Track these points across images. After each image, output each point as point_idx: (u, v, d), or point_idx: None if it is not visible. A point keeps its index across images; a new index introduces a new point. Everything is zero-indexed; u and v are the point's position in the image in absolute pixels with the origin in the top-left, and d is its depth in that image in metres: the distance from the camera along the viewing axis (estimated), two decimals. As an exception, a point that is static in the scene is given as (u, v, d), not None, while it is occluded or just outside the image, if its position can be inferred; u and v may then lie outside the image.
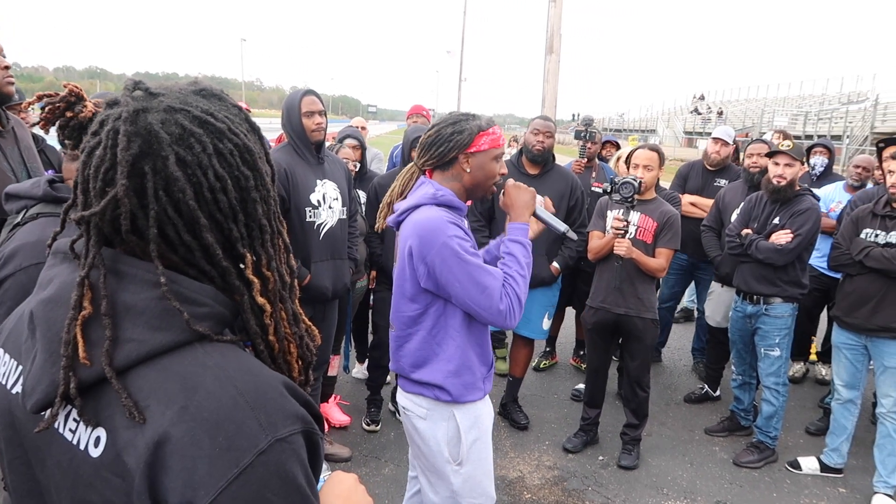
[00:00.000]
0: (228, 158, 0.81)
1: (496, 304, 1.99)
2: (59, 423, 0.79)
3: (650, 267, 3.65)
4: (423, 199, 2.07)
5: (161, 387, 0.74)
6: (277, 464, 0.73)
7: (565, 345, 5.65)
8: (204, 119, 0.80)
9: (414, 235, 2.02)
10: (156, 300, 0.77)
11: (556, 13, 10.64)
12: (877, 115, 23.91)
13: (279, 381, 0.80)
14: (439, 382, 2.10)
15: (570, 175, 4.27)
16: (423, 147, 2.14)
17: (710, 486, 3.69)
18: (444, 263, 1.97)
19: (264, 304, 0.85)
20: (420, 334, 2.11)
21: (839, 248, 3.60)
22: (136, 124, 0.77)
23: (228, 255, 0.83)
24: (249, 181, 0.83)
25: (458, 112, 2.17)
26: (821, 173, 5.29)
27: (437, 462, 2.17)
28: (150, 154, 0.76)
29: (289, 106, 3.31)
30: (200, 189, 0.79)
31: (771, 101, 40.13)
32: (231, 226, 0.82)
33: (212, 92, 0.86)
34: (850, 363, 3.64)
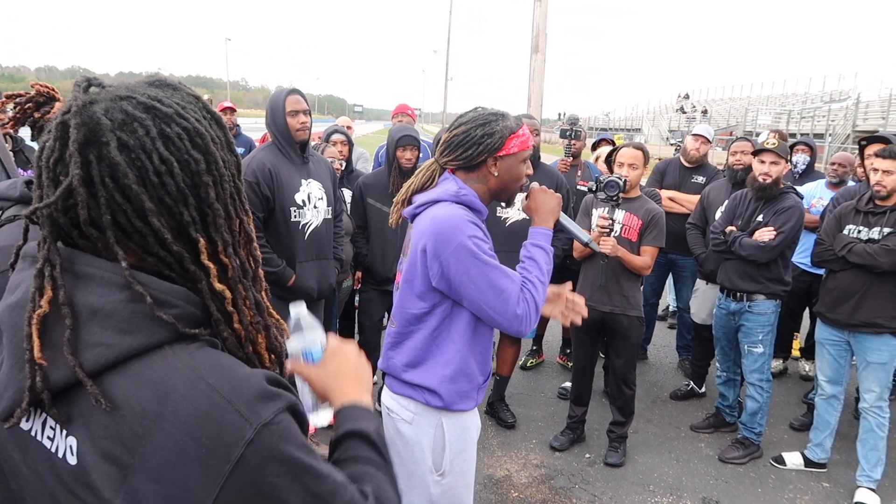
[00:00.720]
0: (176, 142, 0.80)
1: (512, 308, 1.89)
2: (35, 430, 0.78)
3: (635, 265, 3.66)
4: (445, 194, 1.97)
5: (133, 394, 0.73)
6: (270, 448, 0.73)
7: (552, 343, 5.66)
8: (149, 104, 0.79)
9: (431, 232, 1.91)
10: (124, 303, 0.76)
11: (541, 12, 10.67)
12: (858, 114, 24.18)
13: (248, 371, 0.80)
14: (433, 386, 1.99)
15: (555, 173, 4.28)
16: (449, 147, 2.00)
17: (695, 483, 3.71)
18: (459, 264, 1.87)
19: (223, 290, 0.84)
20: (421, 333, 2.00)
21: (822, 245, 3.64)
22: (82, 115, 0.76)
23: (184, 241, 0.82)
24: (200, 164, 0.82)
25: (485, 109, 2.04)
26: (803, 171, 5.34)
27: (418, 469, 2.07)
28: (94, 142, 0.76)
29: (273, 105, 3.30)
30: (146, 173, 0.78)
31: (755, 100, 40.49)
32: (181, 209, 0.80)
33: (167, 83, 0.85)
34: (833, 359, 3.67)
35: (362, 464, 0.94)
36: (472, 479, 2.20)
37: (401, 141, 3.89)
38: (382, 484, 0.92)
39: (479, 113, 2.02)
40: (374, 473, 0.93)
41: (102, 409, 0.73)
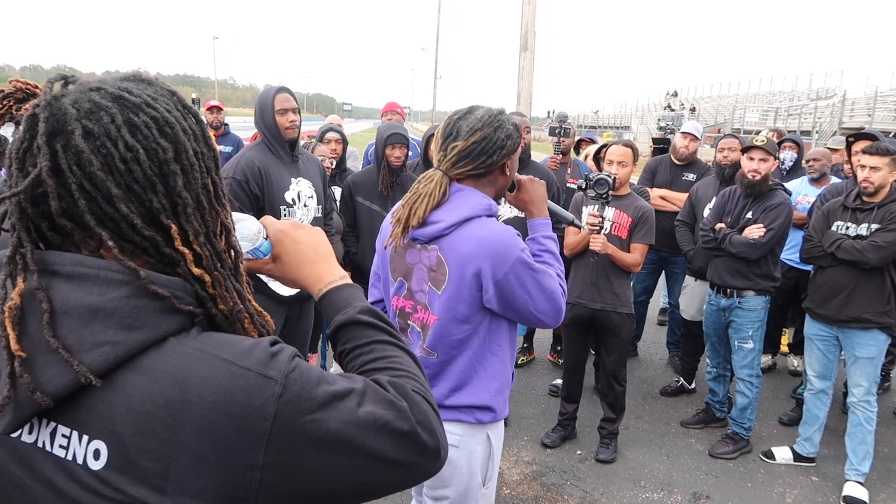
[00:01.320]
0: (143, 130, 0.80)
1: (559, 304, 1.88)
2: (42, 441, 0.76)
3: (625, 262, 3.67)
4: (477, 210, 1.85)
5: (153, 387, 0.74)
6: (297, 395, 0.76)
7: (542, 340, 5.68)
8: (117, 94, 0.80)
9: (486, 255, 1.80)
10: (125, 299, 0.76)
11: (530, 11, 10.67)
12: (844, 111, 24.35)
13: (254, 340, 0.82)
14: (486, 402, 1.93)
15: (545, 171, 4.29)
16: (470, 156, 1.83)
17: (686, 478, 3.73)
18: (517, 279, 1.81)
19: (202, 274, 0.84)
20: (466, 355, 1.91)
21: (811, 241, 3.66)
22: (51, 107, 0.77)
23: (156, 227, 0.82)
24: (168, 153, 0.81)
25: (488, 109, 1.91)
26: (790, 167, 5.38)
27: (470, 488, 2.00)
28: (61, 131, 0.76)
29: (262, 103, 3.28)
30: (111, 160, 0.77)
31: (742, 98, 40.72)
32: (150, 196, 0.80)
33: (142, 77, 0.85)
34: (822, 354, 3.70)
35: (368, 348, 0.97)
36: None
37: (390, 139, 3.89)
38: (396, 358, 0.95)
39: (487, 112, 1.88)
40: (383, 352, 0.96)
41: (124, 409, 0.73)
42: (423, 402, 0.87)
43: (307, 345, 3.65)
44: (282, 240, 1.09)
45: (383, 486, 0.84)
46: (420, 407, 0.86)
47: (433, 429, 0.86)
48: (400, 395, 0.85)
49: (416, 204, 1.86)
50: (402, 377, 0.91)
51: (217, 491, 0.74)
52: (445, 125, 1.90)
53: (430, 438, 0.85)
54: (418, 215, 1.85)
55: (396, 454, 0.82)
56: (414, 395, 0.87)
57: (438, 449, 0.86)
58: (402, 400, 0.85)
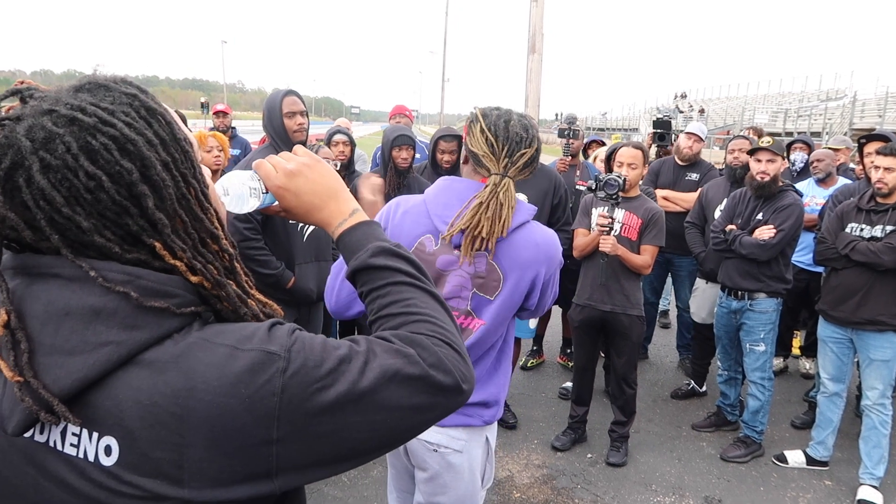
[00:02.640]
0: (103, 154, 0.76)
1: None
2: (54, 440, 0.77)
3: (635, 264, 3.65)
4: (528, 214, 1.87)
5: (160, 379, 0.74)
6: (303, 365, 0.76)
7: (552, 343, 5.65)
8: (71, 117, 0.75)
9: (544, 260, 1.85)
10: (125, 299, 0.75)
11: (538, 12, 10.66)
12: (855, 112, 24.20)
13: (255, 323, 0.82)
14: (494, 397, 1.95)
15: (552, 173, 4.27)
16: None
17: (697, 482, 3.70)
18: (554, 276, 1.91)
19: (200, 281, 0.83)
20: (490, 355, 1.94)
21: (825, 243, 3.63)
22: (8, 137, 0.74)
23: (141, 246, 0.80)
24: (133, 174, 0.77)
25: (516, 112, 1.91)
26: (801, 169, 5.34)
27: (471, 491, 2.00)
28: (20, 165, 0.73)
29: (270, 107, 3.28)
30: (76, 192, 0.75)
31: (751, 99, 40.54)
32: (126, 220, 0.78)
33: (98, 83, 0.80)
34: (835, 356, 3.66)
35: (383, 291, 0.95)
36: None
37: (396, 141, 3.88)
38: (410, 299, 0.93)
39: (522, 118, 1.86)
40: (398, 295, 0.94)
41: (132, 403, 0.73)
42: (434, 344, 0.86)
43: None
44: (283, 195, 1.06)
45: (408, 430, 0.84)
46: (430, 349, 0.85)
47: (448, 368, 0.85)
48: (406, 342, 0.85)
49: (505, 212, 1.77)
50: (416, 321, 0.89)
51: (235, 473, 0.74)
52: (506, 132, 1.80)
53: (446, 377, 0.84)
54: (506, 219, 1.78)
55: (412, 399, 0.81)
56: (422, 339, 0.86)
57: (459, 384, 0.85)
58: (409, 346, 0.84)
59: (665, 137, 6.03)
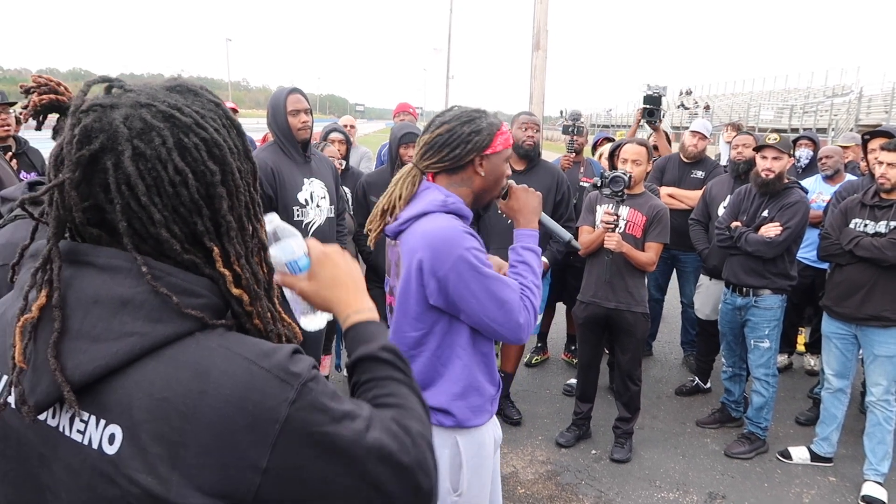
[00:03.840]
0: (193, 152, 0.81)
1: (515, 318, 1.80)
2: (63, 426, 0.78)
3: (640, 261, 3.66)
4: (432, 206, 1.83)
5: (174, 376, 0.75)
6: (310, 403, 0.77)
7: (556, 340, 5.66)
8: (169, 114, 0.80)
9: (425, 248, 1.78)
10: (154, 293, 0.78)
11: (542, 9, 10.63)
12: (861, 108, 24.12)
13: (277, 344, 0.84)
14: (444, 406, 1.88)
15: (556, 170, 4.27)
16: (434, 148, 1.86)
17: (702, 478, 3.70)
18: (459, 278, 1.75)
19: (240, 294, 0.86)
20: (424, 356, 1.88)
21: (829, 239, 3.63)
22: (101, 120, 0.78)
23: (198, 248, 0.83)
24: (215, 176, 0.83)
25: (465, 108, 1.93)
26: (806, 165, 5.33)
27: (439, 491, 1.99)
28: (111, 149, 0.77)
29: (274, 104, 3.29)
30: (160, 183, 0.79)
31: (757, 95, 40.39)
32: (195, 219, 0.82)
33: (188, 87, 0.86)
34: (840, 352, 3.66)
35: (383, 383, 0.97)
36: (488, 491, 2.08)
37: (404, 138, 3.89)
38: (406, 398, 0.96)
39: (462, 110, 1.91)
40: (396, 390, 0.96)
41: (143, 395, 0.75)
42: (423, 444, 0.88)
43: (321, 345, 3.66)
44: (323, 261, 1.11)
45: None
46: (420, 447, 0.87)
47: (429, 471, 0.87)
48: (403, 430, 0.86)
49: (392, 197, 1.92)
50: (409, 418, 0.91)
51: (217, 486, 0.74)
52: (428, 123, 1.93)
53: (425, 479, 0.86)
54: (384, 205, 1.93)
55: (392, 486, 0.82)
56: (416, 435, 0.88)
57: (431, 491, 0.87)
58: (406, 436, 0.86)
59: (654, 114, 5.95)
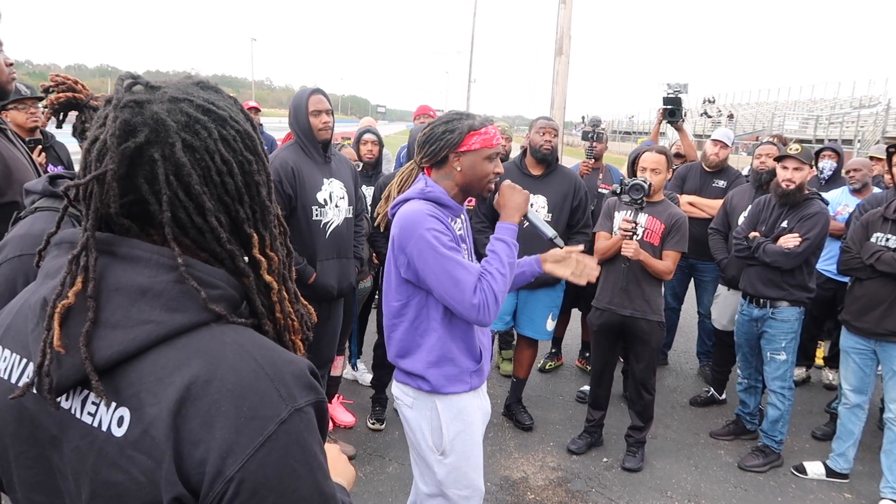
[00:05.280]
0: (232, 143, 0.85)
1: (469, 297, 2.00)
2: (75, 408, 0.80)
3: (657, 269, 3.63)
4: (412, 193, 2.15)
5: (185, 363, 0.77)
6: (297, 433, 0.77)
7: (571, 346, 5.64)
8: (207, 107, 0.84)
9: (397, 226, 2.10)
10: (172, 283, 0.80)
11: (566, 14, 10.61)
12: (889, 120, 23.75)
13: (291, 356, 0.84)
14: (420, 372, 2.16)
15: (573, 175, 4.26)
16: (418, 145, 2.20)
17: (714, 490, 3.67)
18: (420, 255, 2.02)
19: (271, 281, 0.89)
20: (404, 325, 2.18)
21: (849, 253, 3.58)
22: (142, 114, 0.80)
23: (235, 237, 0.87)
24: (253, 165, 0.88)
25: (454, 111, 2.21)
26: (829, 177, 5.26)
27: (423, 451, 2.23)
28: (158, 142, 0.80)
29: (296, 104, 3.32)
30: (208, 173, 0.83)
31: (782, 105, 39.96)
32: (238, 207, 0.86)
33: (208, 84, 0.90)
34: (858, 368, 3.61)
35: None
36: (479, 460, 2.29)
37: (420, 141, 3.90)
38: None
39: (448, 113, 2.20)
40: None
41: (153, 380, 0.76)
42: None
43: (335, 345, 3.68)
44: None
45: None
46: None
47: None
48: None
49: (390, 187, 2.33)
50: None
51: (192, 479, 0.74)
52: None
53: None
54: (384, 198, 2.34)
55: None
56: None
57: None
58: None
59: (675, 113, 5.94)
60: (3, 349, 0.88)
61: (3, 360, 0.88)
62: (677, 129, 5.98)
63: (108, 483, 0.77)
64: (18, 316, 0.89)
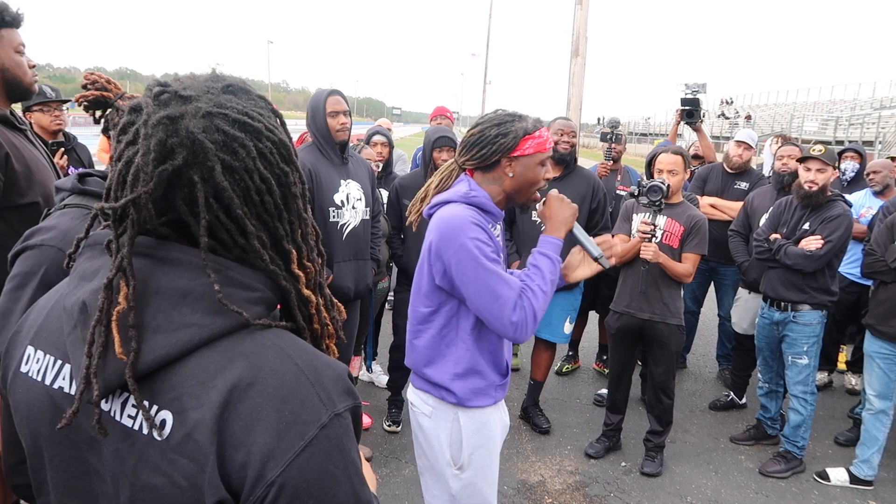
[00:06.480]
0: (269, 157, 0.82)
1: (508, 314, 1.88)
2: (114, 410, 0.79)
3: (677, 272, 3.59)
4: (455, 195, 1.99)
5: (227, 366, 0.76)
6: (336, 437, 0.77)
7: (588, 349, 5.60)
8: (243, 122, 0.81)
9: (435, 230, 1.95)
10: (213, 286, 0.79)
11: (582, 16, 10.57)
12: (910, 121, 23.40)
13: (329, 360, 0.83)
14: (445, 384, 2.03)
15: (592, 177, 4.23)
16: (465, 146, 2.03)
17: (735, 496, 3.62)
18: (459, 264, 1.88)
19: (310, 295, 0.88)
20: (430, 332, 2.04)
21: (873, 255, 3.52)
22: (178, 133, 0.77)
23: (276, 253, 0.85)
24: (289, 176, 0.85)
25: (504, 111, 2.04)
26: (851, 178, 5.18)
27: (438, 463, 2.10)
28: (197, 163, 0.77)
29: (314, 105, 3.32)
30: (248, 193, 0.80)
31: (801, 106, 39.56)
32: (277, 224, 0.84)
33: (238, 87, 0.85)
34: (883, 373, 3.55)
35: None
36: (496, 475, 2.19)
37: (437, 142, 3.89)
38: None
39: (497, 113, 2.04)
40: None
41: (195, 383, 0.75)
42: None
43: (352, 346, 3.68)
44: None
45: None
46: None
47: None
48: None
49: (429, 186, 2.11)
50: None
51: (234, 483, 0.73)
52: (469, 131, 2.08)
53: None
54: (422, 193, 2.12)
55: None
56: None
57: None
58: None
59: (693, 114, 5.89)
60: (35, 350, 0.88)
61: (36, 362, 0.87)
62: (695, 129, 5.93)
63: (148, 487, 0.76)
64: (50, 318, 0.88)
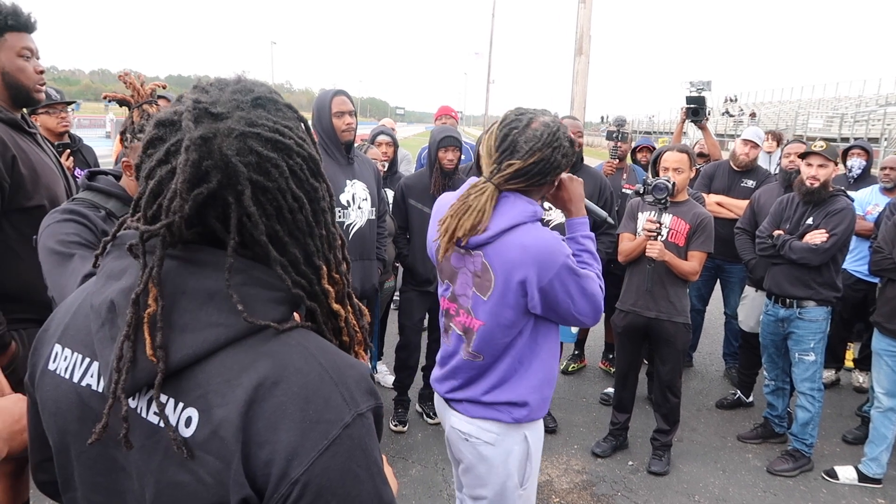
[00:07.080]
0: (300, 174, 0.83)
1: (599, 306, 1.91)
2: (140, 407, 0.80)
3: (683, 270, 3.58)
4: (523, 216, 1.84)
5: (252, 364, 0.77)
6: (359, 437, 0.78)
7: (594, 348, 5.59)
8: (275, 140, 0.80)
9: (532, 263, 1.80)
10: (239, 286, 0.79)
11: (585, 14, 10.56)
12: (916, 117, 23.30)
13: (353, 360, 0.84)
14: (522, 398, 1.96)
15: (598, 175, 4.23)
16: (527, 175, 1.82)
17: (742, 494, 3.61)
18: (562, 285, 1.83)
19: (339, 309, 0.89)
20: (510, 356, 1.95)
21: (881, 253, 3.51)
22: (212, 156, 0.77)
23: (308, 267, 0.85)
24: (318, 192, 0.85)
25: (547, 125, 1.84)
26: (858, 175, 5.16)
27: (506, 488, 2.02)
28: (230, 185, 0.78)
29: (319, 106, 3.32)
30: (281, 212, 0.81)
31: (805, 103, 39.45)
32: (308, 241, 0.85)
33: (266, 98, 0.84)
34: (891, 370, 3.53)
35: None
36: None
37: (443, 142, 3.89)
38: None
39: (545, 131, 1.82)
40: None
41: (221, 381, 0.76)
42: None
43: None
44: None
45: None
46: None
47: None
48: None
49: (465, 217, 1.84)
50: None
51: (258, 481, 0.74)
52: (501, 137, 1.84)
53: None
54: (465, 228, 1.83)
55: None
56: None
57: None
58: None
59: (699, 112, 5.89)
60: (63, 348, 0.89)
61: (63, 360, 0.88)
62: (700, 127, 5.91)
63: (174, 483, 0.77)
64: (78, 316, 0.89)
